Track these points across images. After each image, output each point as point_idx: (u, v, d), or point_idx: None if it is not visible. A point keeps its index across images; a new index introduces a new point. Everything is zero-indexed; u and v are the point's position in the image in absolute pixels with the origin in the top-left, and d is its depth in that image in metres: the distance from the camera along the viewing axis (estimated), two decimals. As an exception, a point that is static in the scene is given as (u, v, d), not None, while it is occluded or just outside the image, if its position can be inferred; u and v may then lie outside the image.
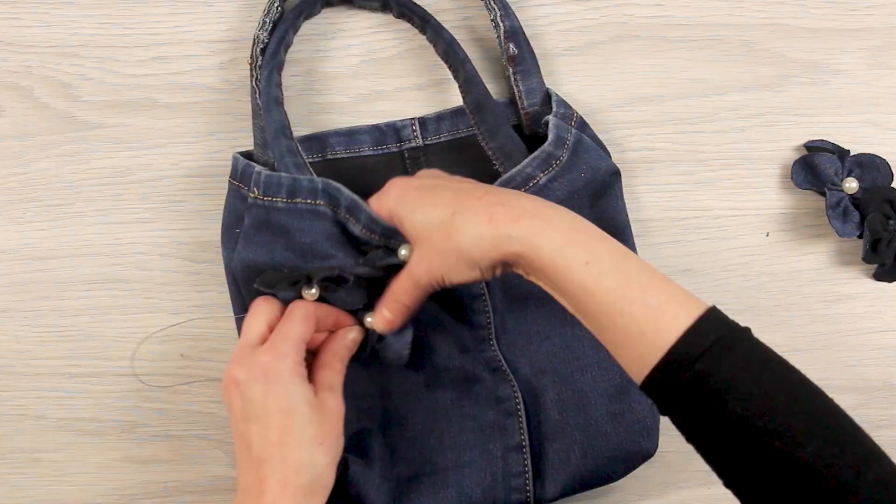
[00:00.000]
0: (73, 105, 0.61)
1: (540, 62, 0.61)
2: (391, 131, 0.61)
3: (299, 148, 0.57)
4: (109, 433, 0.62)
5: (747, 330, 0.45)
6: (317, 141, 0.60)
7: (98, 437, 0.62)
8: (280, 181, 0.54)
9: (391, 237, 0.53)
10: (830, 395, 0.62)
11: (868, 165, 0.61)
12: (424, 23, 0.60)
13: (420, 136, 0.61)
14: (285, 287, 0.52)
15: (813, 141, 0.62)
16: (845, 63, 0.62)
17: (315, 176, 0.55)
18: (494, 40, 0.60)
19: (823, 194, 0.60)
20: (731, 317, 0.61)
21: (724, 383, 0.43)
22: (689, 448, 0.62)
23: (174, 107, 0.61)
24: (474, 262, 0.49)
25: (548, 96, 0.59)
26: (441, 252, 0.49)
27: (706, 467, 0.62)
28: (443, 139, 0.61)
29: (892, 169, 0.61)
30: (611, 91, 0.62)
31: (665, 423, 0.61)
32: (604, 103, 0.62)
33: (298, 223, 0.54)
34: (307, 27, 0.61)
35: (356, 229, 0.54)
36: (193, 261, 0.61)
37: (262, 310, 0.52)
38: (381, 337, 0.54)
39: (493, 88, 0.61)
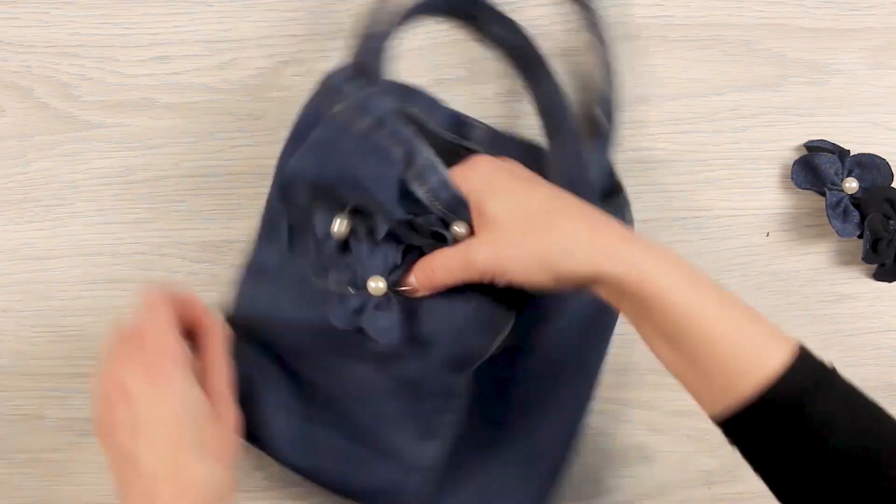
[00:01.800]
0: (73, 105, 0.61)
1: (540, 62, 0.61)
2: (462, 123, 0.58)
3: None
4: (109, 433, 0.62)
5: (835, 370, 0.46)
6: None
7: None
8: (370, 108, 0.50)
9: (453, 210, 0.49)
10: (830, 394, 0.63)
11: (868, 165, 0.61)
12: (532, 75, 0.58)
13: (483, 145, 0.58)
14: (323, 205, 0.50)
15: (813, 141, 0.62)
16: (845, 63, 0.62)
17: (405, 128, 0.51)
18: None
19: (823, 194, 0.60)
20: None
21: (826, 421, 0.43)
22: (690, 448, 0.62)
23: (174, 107, 0.61)
24: (555, 268, 0.46)
25: (611, 171, 0.58)
26: (520, 245, 0.46)
27: (706, 467, 0.62)
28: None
29: (892, 169, 0.61)
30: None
31: (659, 420, 0.61)
32: (604, 103, 0.62)
33: (362, 157, 0.50)
34: (307, 27, 0.61)
35: (420, 191, 0.50)
36: (193, 261, 0.61)
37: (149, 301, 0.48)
38: (375, 308, 0.50)
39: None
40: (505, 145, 0.58)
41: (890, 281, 0.61)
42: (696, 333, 0.45)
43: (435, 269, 0.49)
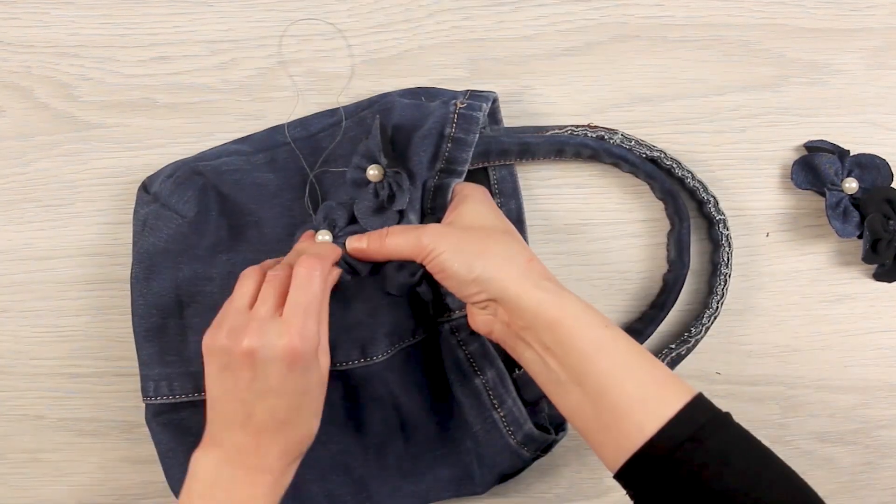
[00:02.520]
0: (73, 105, 0.61)
1: (540, 62, 0.61)
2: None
3: None
4: (109, 433, 0.62)
5: (729, 414, 0.47)
6: None
7: (98, 437, 0.62)
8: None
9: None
10: (830, 395, 0.63)
11: (868, 165, 0.61)
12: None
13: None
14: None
15: (813, 141, 0.62)
16: (845, 63, 0.62)
17: None
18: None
19: (823, 194, 0.60)
20: (731, 317, 0.62)
21: (720, 456, 0.44)
22: (689, 448, 0.62)
23: (174, 107, 0.61)
24: (479, 268, 0.50)
25: None
26: (465, 240, 0.51)
27: (706, 467, 0.62)
28: None
29: (892, 169, 0.61)
30: (611, 91, 0.62)
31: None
32: (604, 103, 0.62)
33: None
34: (307, 27, 0.61)
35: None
36: (193, 261, 0.61)
37: (250, 271, 0.52)
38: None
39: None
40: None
41: (890, 281, 0.61)
42: (607, 371, 0.47)
43: (389, 234, 0.52)
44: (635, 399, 0.46)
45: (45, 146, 0.61)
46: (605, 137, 0.59)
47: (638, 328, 0.60)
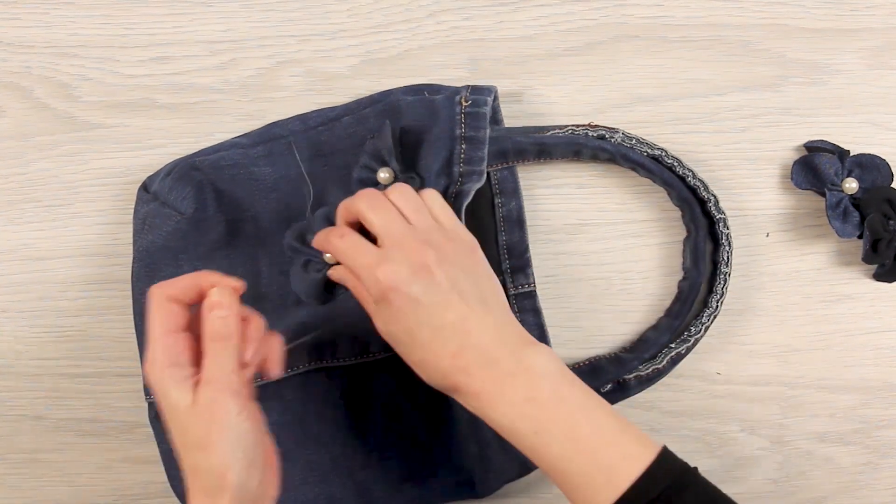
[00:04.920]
0: (73, 105, 0.61)
1: (540, 62, 0.61)
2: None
3: None
4: (109, 433, 0.62)
5: (696, 470, 0.47)
6: None
7: (98, 437, 0.62)
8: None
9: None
10: (830, 395, 0.63)
11: (868, 165, 0.61)
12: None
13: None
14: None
15: (813, 141, 0.62)
16: (845, 63, 0.62)
17: None
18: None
19: (823, 194, 0.60)
20: (731, 317, 0.62)
21: None
22: (689, 448, 0.62)
23: (174, 107, 0.61)
24: (420, 374, 0.50)
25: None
26: (395, 324, 0.50)
27: (706, 467, 0.62)
28: None
29: (892, 169, 0.61)
30: (611, 91, 0.62)
31: (659, 420, 0.61)
32: (604, 103, 0.62)
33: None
34: (307, 27, 0.61)
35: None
36: (193, 261, 0.61)
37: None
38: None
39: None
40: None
41: (890, 281, 0.61)
42: (549, 468, 0.47)
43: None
44: (586, 489, 0.46)
45: (45, 146, 0.61)
46: (606, 136, 0.59)
47: (652, 337, 0.60)
